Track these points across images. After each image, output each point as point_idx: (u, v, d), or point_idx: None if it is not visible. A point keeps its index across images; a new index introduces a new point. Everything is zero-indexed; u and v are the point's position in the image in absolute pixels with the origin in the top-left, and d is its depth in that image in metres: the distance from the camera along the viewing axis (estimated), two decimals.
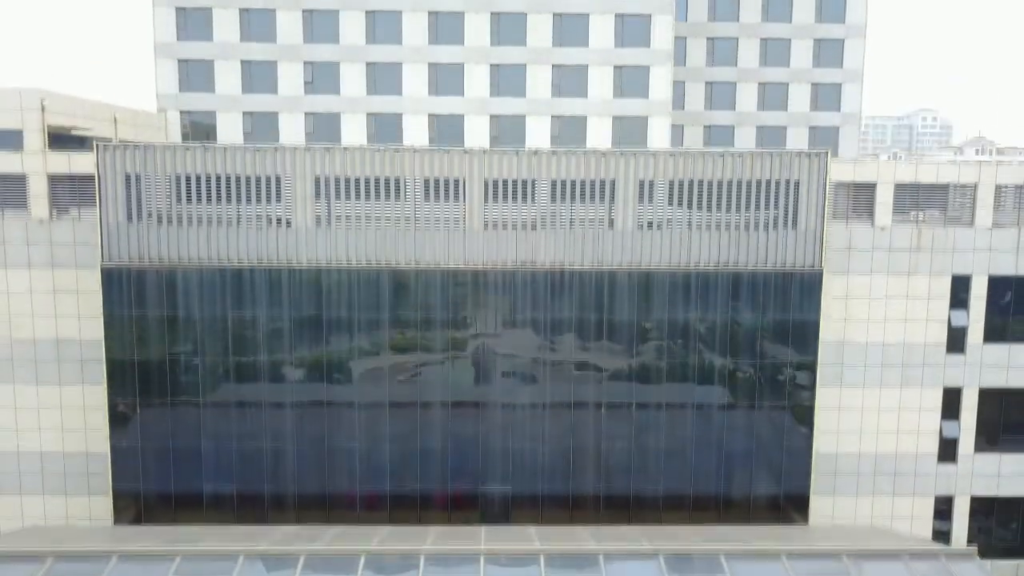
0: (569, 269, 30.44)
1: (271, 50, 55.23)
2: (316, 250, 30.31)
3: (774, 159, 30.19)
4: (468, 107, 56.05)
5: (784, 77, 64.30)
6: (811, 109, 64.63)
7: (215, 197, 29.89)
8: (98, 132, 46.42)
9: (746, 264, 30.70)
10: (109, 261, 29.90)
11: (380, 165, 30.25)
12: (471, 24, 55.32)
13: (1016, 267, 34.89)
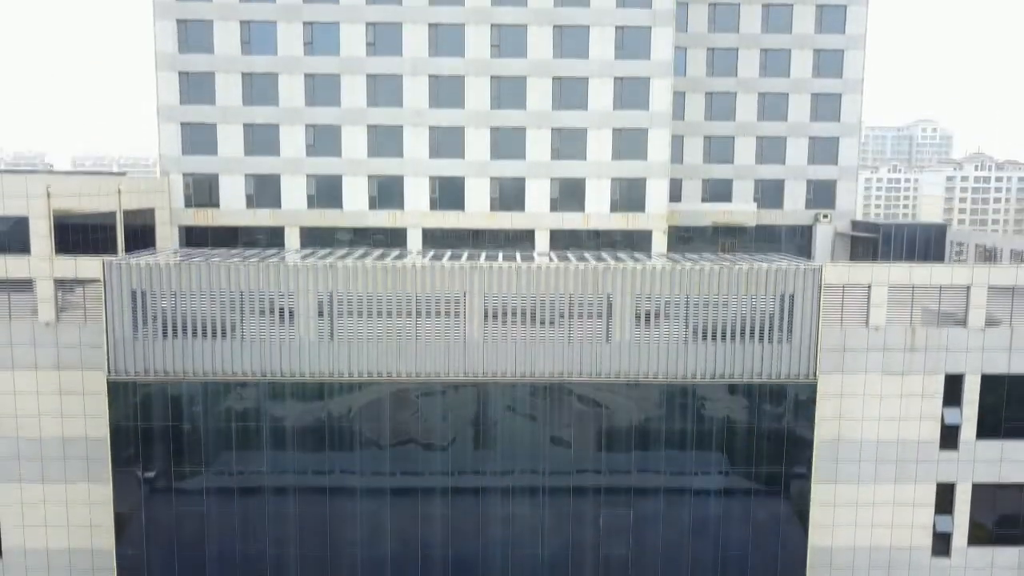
0: (568, 381, 30.96)
1: (273, 113, 55.71)
2: (319, 363, 30.83)
3: (769, 275, 30.70)
4: (469, 169, 56.57)
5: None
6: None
7: (219, 311, 30.40)
8: (103, 206, 46.97)
9: (741, 376, 31.23)
10: (115, 375, 30.43)
11: (382, 281, 30.75)
12: (472, 87, 55.82)
13: (1009, 366, 35.43)
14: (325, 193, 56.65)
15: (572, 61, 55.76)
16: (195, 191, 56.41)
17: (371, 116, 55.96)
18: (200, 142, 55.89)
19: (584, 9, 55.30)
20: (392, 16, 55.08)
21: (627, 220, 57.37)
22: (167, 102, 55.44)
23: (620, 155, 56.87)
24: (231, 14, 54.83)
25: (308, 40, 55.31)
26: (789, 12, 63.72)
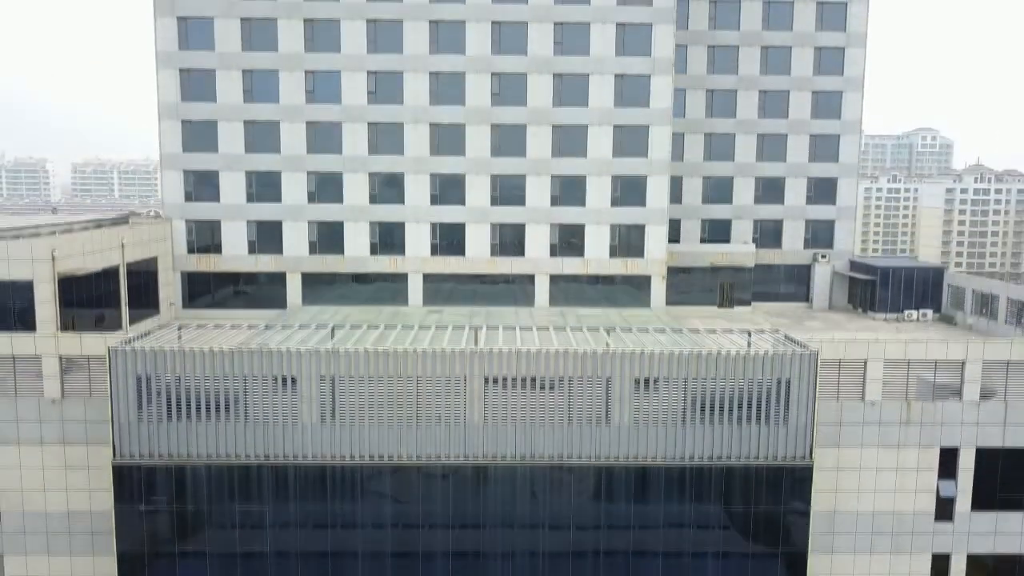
0: (568, 463, 31.36)
1: (275, 160, 56.10)
2: (321, 446, 31.24)
3: (765, 360, 31.10)
4: (469, 215, 56.99)
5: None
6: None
7: (223, 396, 30.80)
8: (107, 262, 47.37)
9: (739, 457, 31.64)
10: (120, 458, 30.85)
11: (383, 365, 31.14)
12: (472, 135, 56.23)
13: (1003, 439, 35.81)
14: (326, 239, 57.06)
15: (572, 109, 56.22)
16: (197, 237, 56.84)
17: (372, 163, 56.39)
18: (203, 188, 56.35)
19: (583, 58, 55.78)
20: (393, 65, 55.53)
21: (626, 265, 57.78)
22: (170, 150, 55.89)
23: (619, 201, 57.29)
24: (233, 63, 55.23)
25: (310, 88, 55.74)
26: (787, 54, 63.90)
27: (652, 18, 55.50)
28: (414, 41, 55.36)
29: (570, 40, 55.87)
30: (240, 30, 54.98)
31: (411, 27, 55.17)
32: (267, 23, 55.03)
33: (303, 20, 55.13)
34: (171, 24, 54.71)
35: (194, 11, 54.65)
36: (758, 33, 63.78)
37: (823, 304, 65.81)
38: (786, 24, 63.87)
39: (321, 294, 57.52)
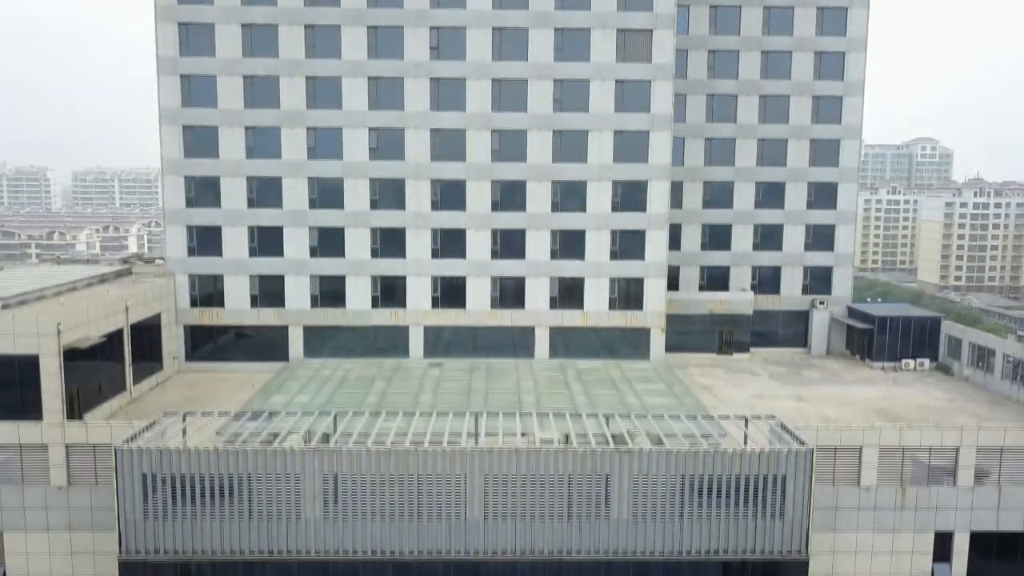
0: (567, 559, 31.86)
1: (278, 215, 56.59)
2: (324, 542, 31.72)
3: (761, 458, 31.59)
4: (470, 268, 57.50)
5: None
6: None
7: (228, 493, 31.29)
8: (112, 326, 47.81)
9: (735, 552, 32.11)
10: (127, 554, 31.33)
11: (385, 463, 31.62)
12: (473, 190, 56.76)
13: (997, 523, 36.34)
14: (328, 293, 57.55)
15: (571, 165, 56.70)
16: (200, 291, 57.31)
17: (374, 218, 56.89)
18: (206, 244, 56.82)
19: (583, 115, 56.21)
20: (395, 122, 56.02)
21: (625, 318, 58.27)
22: (173, 206, 56.38)
23: (618, 255, 57.78)
24: (236, 119, 55.73)
25: (311, 145, 56.22)
26: (785, 103, 64.23)
27: (653, 74, 55.94)
28: (414, 98, 55.81)
29: (570, 97, 56.22)
30: (242, 92, 55.49)
31: (412, 84, 55.67)
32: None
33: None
34: (174, 82, 55.29)
35: (194, 69, 55.25)
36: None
37: (821, 350, 66.28)
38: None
39: (323, 346, 58.01)
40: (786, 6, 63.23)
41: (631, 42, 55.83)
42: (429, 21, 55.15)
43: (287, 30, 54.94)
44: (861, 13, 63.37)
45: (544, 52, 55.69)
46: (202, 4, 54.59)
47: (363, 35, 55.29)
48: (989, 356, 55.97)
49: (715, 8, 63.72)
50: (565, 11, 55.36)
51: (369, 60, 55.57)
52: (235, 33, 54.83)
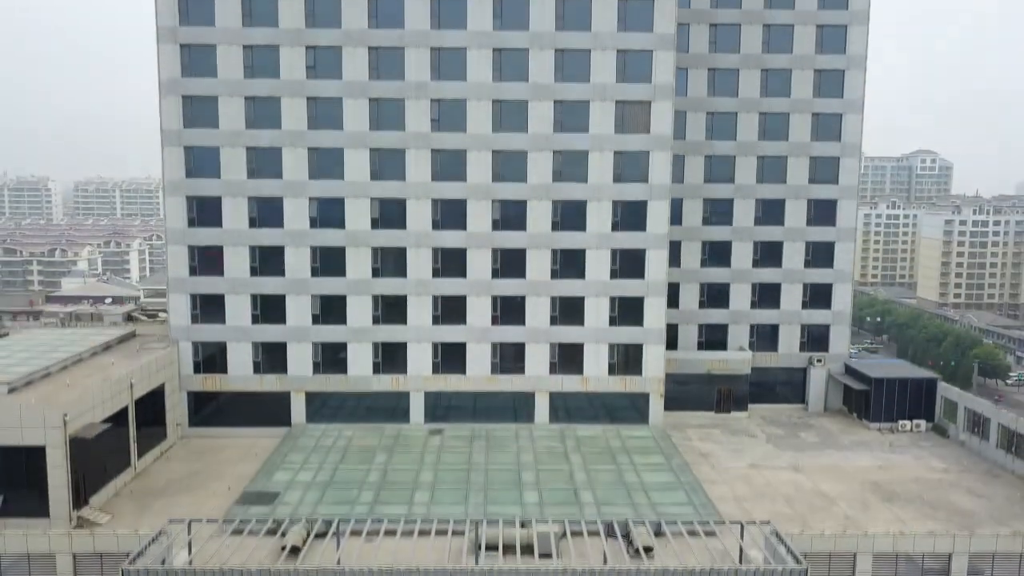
0: None
1: (280, 283, 57.21)
2: None
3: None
4: (470, 335, 58.09)
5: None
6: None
7: None
8: (117, 405, 48.38)
9: None
10: None
11: None
12: (473, 258, 57.35)
13: None
14: (330, 359, 58.12)
15: (571, 234, 57.24)
16: (204, 358, 57.88)
17: (377, 286, 57.46)
18: (210, 313, 57.39)
19: (583, 184, 56.79)
20: (397, 192, 56.59)
21: (625, 383, 58.85)
22: (177, 275, 56.91)
23: (617, 321, 58.33)
24: (239, 191, 56.33)
25: (313, 214, 56.79)
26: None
27: (649, 145, 56.51)
28: (416, 171, 56.44)
29: (569, 168, 56.80)
30: (245, 164, 56.13)
31: (413, 156, 56.30)
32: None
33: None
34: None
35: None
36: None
37: (819, 407, 66.88)
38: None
39: (325, 411, 58.62)
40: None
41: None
42: (429, 93, 55.81)
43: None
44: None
45: (544, 124, 56.33)
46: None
47: (365, 106, 55.96)
48: (985, 424, 56.50)
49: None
50: (565, 83, 56.06)
51: (371, 131, 56.19)
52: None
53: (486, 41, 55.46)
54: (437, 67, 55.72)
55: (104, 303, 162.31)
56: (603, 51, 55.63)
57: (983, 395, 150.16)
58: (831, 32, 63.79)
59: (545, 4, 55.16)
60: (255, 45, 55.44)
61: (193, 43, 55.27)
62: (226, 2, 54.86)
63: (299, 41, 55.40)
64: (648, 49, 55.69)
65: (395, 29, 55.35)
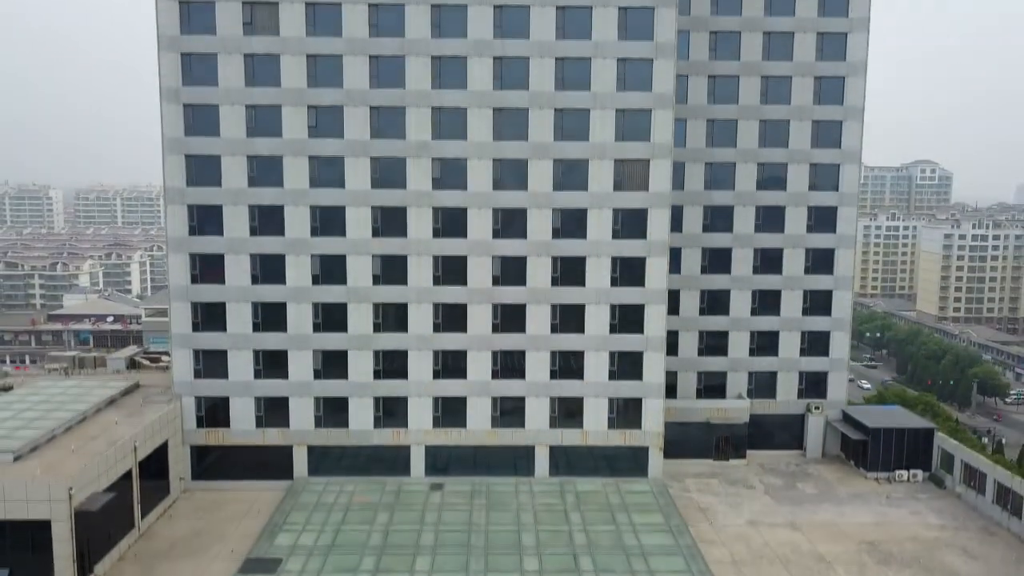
0: None
1: (281, 339, 57.71)
2: None
3: None
4: (471, 389, 58.56)
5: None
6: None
7: None
8: (122, 469, 48.84)
9: None
10: None
11: None
12: (474, 315, 57.85)
13: None
14: (332, 414, 58.60)
15: (571, 289, 57.68)
16: (207, 413, 58.34)
17: (378, 341, 57.92)
18: (213, 367, 57.85)
19: (581, 241, 57.19)
20: (399, 249, 57.05)
21: (624, 437, 59.32)
22: (180, 330, 57.40)
23: (617, 375, 58.80)
24: (242, 248, 56.80)
25: (316, 272, 57.24)
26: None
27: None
28: (417, 227, 56.92)
29: (568, 221, 57.26)
30: (248, 221, 56.64)
31: (414, 214, 56.93)
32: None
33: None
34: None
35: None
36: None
37: (816, 453, 67.33)
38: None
39: (327, 464, 59.06)
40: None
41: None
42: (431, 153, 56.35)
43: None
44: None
45: (544, 182, 56.82)
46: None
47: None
48: (981, 479, 56.92)
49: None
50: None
51: (373, 189, 56.66)
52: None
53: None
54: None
55: (106, 321, 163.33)
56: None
57: (982, 413, 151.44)
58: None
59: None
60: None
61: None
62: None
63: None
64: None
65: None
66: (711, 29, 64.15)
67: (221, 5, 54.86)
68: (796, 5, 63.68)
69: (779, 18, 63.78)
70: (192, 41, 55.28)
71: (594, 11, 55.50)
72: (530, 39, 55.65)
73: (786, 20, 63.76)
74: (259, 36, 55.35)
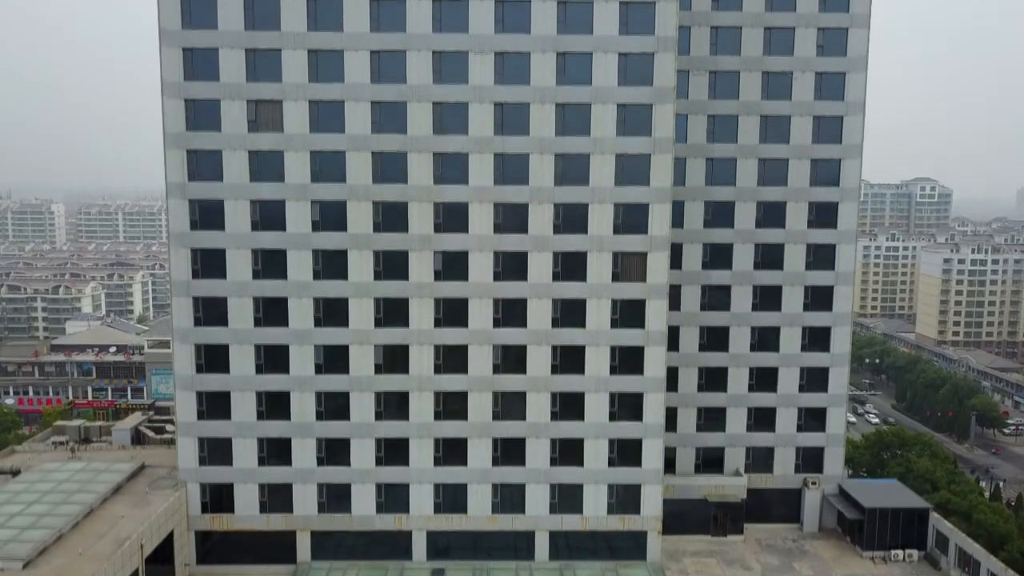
0: None
1: (286, 427, 58.58)
2: None
3: None
4: (471, 476, 59.39)
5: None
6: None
7: None
8: (128, 569, 49.61)
9: None
10: None
11: None
12: (474, 399, 58.71)
13: None
14: (334, 500, 59.44)
15: (568, 377, 58.57)
16: (211, 499, 59.19)
17: (379, 429, 58.80)
18: (217, 454, 58.72)
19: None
20: (400, 339, 57.89)
21: (623, 522, 60.13)
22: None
23: (616, 462, 59.60)
24: (246, 339, 57.66)
25: (320, 361, 58.07)
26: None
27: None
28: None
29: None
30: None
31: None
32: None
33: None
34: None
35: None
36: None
37: (813, 527, 68.13)
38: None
39: (330, 548, 59.91)
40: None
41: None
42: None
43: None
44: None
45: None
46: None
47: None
48: (976, 567, 57.69)
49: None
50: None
51: (376, 281, 57.46)
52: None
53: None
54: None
55: (109, 351, 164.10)
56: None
57: (981, 445, 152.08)
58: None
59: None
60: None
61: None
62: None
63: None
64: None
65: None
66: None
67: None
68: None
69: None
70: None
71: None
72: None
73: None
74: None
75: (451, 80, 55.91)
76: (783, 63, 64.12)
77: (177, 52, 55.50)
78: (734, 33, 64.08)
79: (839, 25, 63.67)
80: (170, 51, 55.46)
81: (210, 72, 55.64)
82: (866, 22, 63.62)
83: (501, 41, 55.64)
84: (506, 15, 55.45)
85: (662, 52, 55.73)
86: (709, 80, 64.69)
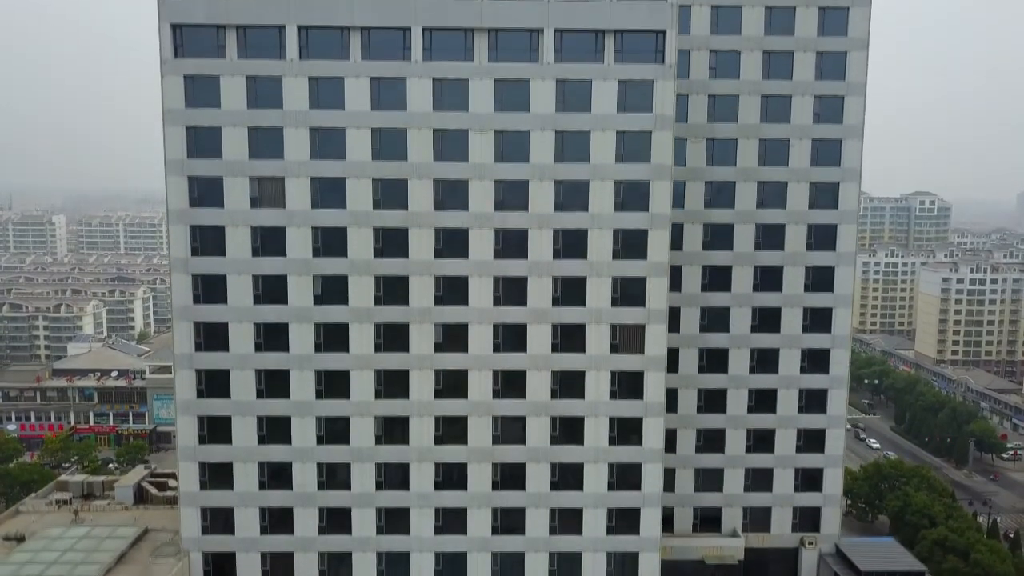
0: None
1: (287, 496, 59.19)
2: None
3: None
4: (471, 544, 60.04)
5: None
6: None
7: None
8: None
9: None
10: None
11: None
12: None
13: None
14: (335, 569, 60.13)
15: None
16: (213, 568, 59.83)
17: (380, 499, 59.43)
18: (219, 524, 59.39)
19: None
20: (401, 410, 58.51)
21: None
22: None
23: (614, 530, 60.25)
24: (249, 411, 58.30)
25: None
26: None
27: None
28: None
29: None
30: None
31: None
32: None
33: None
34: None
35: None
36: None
37: None
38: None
39: None
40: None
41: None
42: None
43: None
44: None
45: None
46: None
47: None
48: None
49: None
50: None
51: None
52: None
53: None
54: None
55: (111, 376, 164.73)
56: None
57: (979, 471, 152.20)
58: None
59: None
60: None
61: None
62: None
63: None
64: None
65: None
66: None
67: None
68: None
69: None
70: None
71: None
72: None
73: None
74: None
75: (451, 157, 56.49)
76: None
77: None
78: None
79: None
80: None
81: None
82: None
83: (501, 119, 56.20)
84: (505, 94, 56.01)
85: (660, 130, 56.24)
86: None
